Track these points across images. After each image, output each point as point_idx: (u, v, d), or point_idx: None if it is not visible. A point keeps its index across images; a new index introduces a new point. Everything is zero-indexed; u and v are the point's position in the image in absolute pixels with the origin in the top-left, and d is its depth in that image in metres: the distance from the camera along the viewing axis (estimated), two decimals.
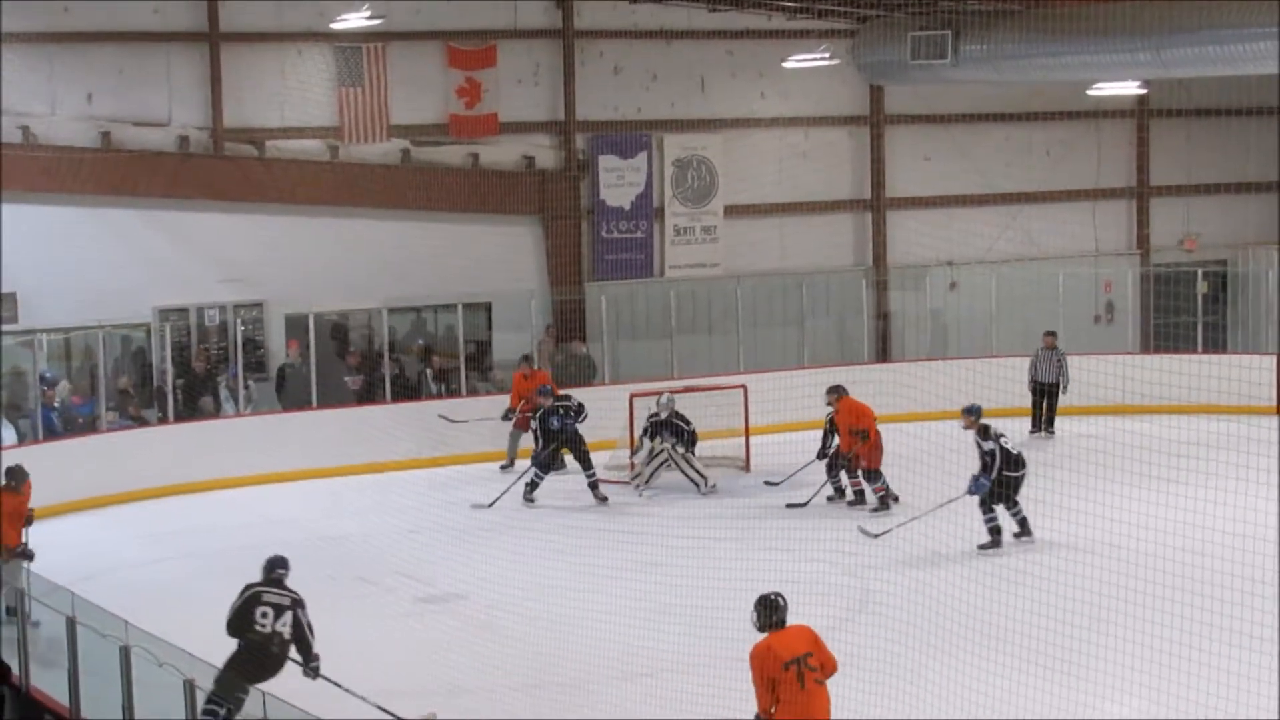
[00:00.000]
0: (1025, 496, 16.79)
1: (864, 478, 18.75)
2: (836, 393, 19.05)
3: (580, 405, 20.40)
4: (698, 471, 20.36)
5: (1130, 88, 25.61)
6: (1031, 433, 22.89)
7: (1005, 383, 21.32)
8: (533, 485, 20.02)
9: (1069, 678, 11.93)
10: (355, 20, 21.97)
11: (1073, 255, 28.21)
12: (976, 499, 16.67)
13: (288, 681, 11.47)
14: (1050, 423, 23.14)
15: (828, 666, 9.76)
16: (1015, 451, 16.87)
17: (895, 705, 11.35)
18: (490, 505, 19.62)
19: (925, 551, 14.98)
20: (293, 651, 11.84)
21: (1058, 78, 24.01)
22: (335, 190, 24.26)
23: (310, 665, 11.96)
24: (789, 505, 19.05)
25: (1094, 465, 18.85)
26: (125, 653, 10.72)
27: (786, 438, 21.26)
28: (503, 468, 21.75)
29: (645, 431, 20.73)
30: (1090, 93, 25.84)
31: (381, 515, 19.46)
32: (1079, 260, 28.17)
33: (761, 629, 9.83)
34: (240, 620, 11.72)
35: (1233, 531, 13.39)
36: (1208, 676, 11.19)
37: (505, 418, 21.79)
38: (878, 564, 15.21)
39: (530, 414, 20.64)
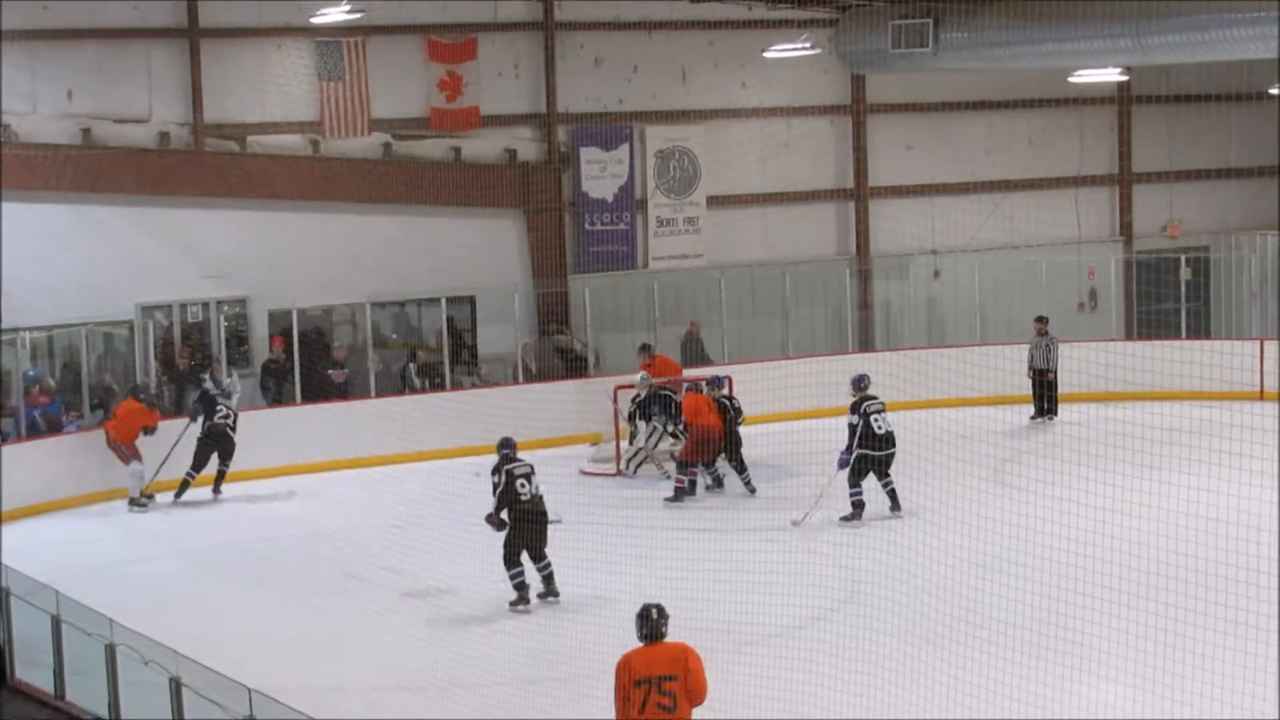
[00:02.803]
0: (1016, 485, 16.77)
1: (676, 465, 19.05)
2: (694, 388, 19.45)
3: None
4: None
5: (1111, 74, 25.62)
6: (1032, 418, 22.94)
7: (990, 370, 21.33)
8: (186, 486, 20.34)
9: (1057, 666, 11.93)
10: (335, 14, 21.94)
11: (1056, 243, 28.22)
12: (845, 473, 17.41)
13: (287, 680, 11.46)
14: (1053, 410, 23.04)
15: (694, 695, 9.17)
16: (883, 431, 17.40)
17: (883, 696, 11.33)
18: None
19: (913, 542, 14.98)
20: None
21: (1039, 65, 24.02)
22: (317, 185, 24.19)
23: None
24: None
25: (1079, 453, 18.83)
26: (110, 651, 10.68)
27: (771, 428, 21.31)
28: None
29: (630, 416, 20.71)
30: (1072, 80, 25.85)
31: (367, 511, 19.43)
32: (1062, 248, 28.18)
33: (640, 640, 9.33)
34: (507, 495, 14.64)
35: (1219, 518, 13.39)
36: (1199, 665, 11.17)
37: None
38: (865, 555, 15.19)
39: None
